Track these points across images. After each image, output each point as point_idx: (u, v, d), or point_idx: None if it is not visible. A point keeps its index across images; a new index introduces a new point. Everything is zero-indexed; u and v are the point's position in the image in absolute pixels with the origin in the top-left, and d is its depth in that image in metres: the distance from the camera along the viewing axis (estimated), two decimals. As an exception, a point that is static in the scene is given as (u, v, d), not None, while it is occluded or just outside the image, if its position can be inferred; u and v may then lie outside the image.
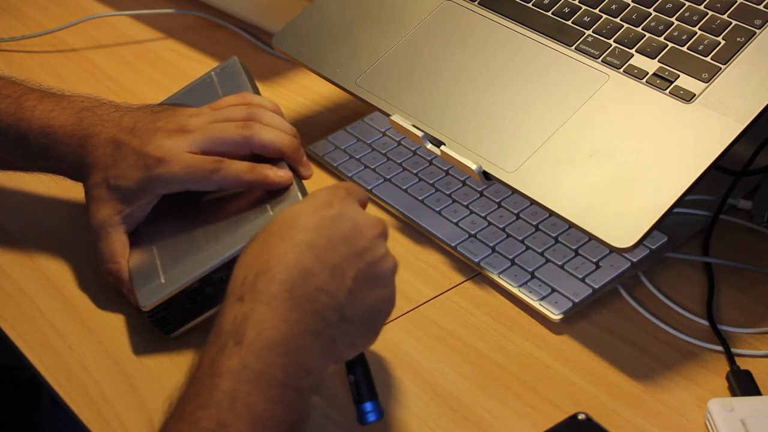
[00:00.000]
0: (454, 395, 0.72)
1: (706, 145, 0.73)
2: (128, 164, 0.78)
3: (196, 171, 0.76)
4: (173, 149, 0.77)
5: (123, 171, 0.78)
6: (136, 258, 0.78)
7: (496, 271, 0.81)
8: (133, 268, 0.78)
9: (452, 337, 0.77)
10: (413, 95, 0.86)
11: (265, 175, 0.76)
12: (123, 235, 0.79)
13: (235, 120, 0.79)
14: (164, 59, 1.12)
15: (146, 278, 0.76)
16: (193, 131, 0.78)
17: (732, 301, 0.79)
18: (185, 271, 0.75)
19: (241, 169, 0.77)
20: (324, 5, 0.96)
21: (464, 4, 0.90)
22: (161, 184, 0.77)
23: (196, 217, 0.79)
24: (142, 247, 0.79)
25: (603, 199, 0.74)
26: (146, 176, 0.77)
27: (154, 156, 0.77)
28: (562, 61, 0.83)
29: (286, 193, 0.76)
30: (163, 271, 0.76)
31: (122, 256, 0.78)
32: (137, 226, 0.79)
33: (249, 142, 0.78)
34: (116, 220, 0.78)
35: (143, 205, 0.78)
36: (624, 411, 0.71)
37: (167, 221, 0.79)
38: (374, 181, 0.91)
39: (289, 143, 0.79)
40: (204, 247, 0.75)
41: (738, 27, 0.78)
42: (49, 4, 1.22)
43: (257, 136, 0.78)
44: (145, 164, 0.77)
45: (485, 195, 0.87)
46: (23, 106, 0.82)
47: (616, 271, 0.80)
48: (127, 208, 0.78)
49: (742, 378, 0.71)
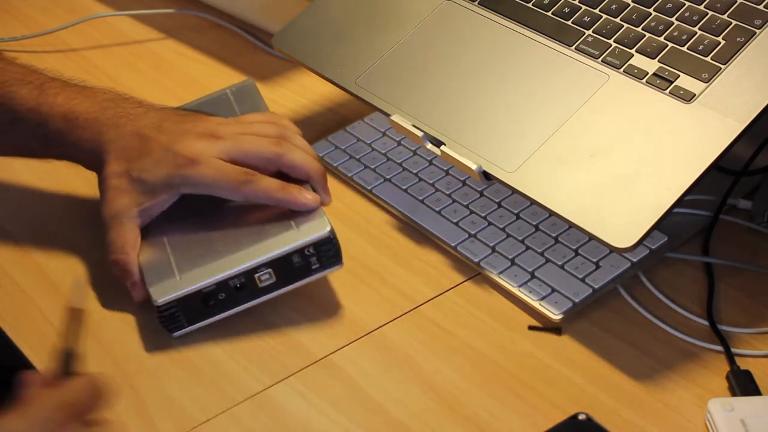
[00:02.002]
0: (454, 395, 0.72)
1: (706, 145, 0.73)
2: (155, 159, 0.78)
3: (227, 179, 0.77)
4: (204, 152, 0.77)
5: (148, 165, 0.78)
6: (148, 254, 0.78)
7: (496, 271, 0.81)
8: (145, 264, 0.77)
9: (452, 337, 0.77)
10: (413, 95, 0.86)
11: (295, 196, 0.77)
12: (136, 229, 0.78)
13: (266, 136, 0.80)
14: (164, 59, 1.12)
15: (160, 274, 0.76)
16: (224, 138, 0.79)
17: (732, 301, 0.79)
18: (204, 272, 0.75)
19: (271, 186, 0.77)
20: (324, 5, 0.96)
21: (464, 4, 0.90)
22: (187, 184, 0.77)
23: (214, 222, 0.79)
24: (154, 244, 0.79)
25: (603, 199, 0.74)
26: (173, 173, 0.77)
27: (184, 155, 0.77)
28: (562, 61, 0.83)
29: (314, 213, 0.77)
30: (179, 270, 0.76)
31: (133, 249, 0.78)
32: (150, 223, 0.79)
33: (279, 160, 0.79)
34: (133, 212, 0.78)
35: (163, 201, 0.78)
36: (624, 411, 0.71)
37: (182, 222, 0.79)
38: (374, 181, 0.91)
39: (317, 168, 0.80)
40: (223, 253, 0.76)
41: (738, 27, 0.78)
42: (49, 4, 1.22)
43: (288, 155, 0.79)
44: (174, 162, 0.77)
45: (485, 195, 0.87)
46: (45, 92, 0.82)
47: (616, 271, 0.80)
48: (147, 201, 0.78)
49: (742, 378, 0.71)
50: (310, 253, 0.76)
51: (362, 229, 0.86)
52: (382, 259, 0.84)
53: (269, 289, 0.76)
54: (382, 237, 0.86)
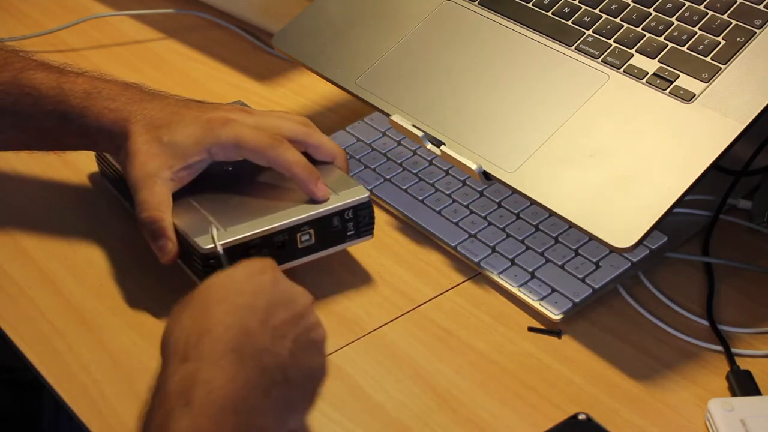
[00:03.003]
0: (454, 395, 0.72)
1: (706, 145, 0.73)
2: (187, 123, 0.78)
3: (257, 139, 0.77)
4: (237, 119, 0.78)
5: (181, 129, 0.77)
6: (183, 216, 0.77)
7: (496, 271, 0.81)
8: (181, 223, 0.76)
9: (452, 337, 0.77)
10: (413, 95, 0.86)
11: (313, 179, 0.77)
12: (169, 191, 0.77)
13: (292, 120, 0.81)
14: (164, 59, 1.12)
15: (202, 229, 0.75)
16: (254, 114, 0.80)
17: (732, 301, 0.79)
18: (249, 227, 0.75)
19: (296, 159, 0.77)
20: (324, 5, 0.96)
21: (464, 4, 0.90)
22: (220, 144, 0.77)
23: (245, 190, 0.79)
24: (186, 209, 0.78)
25: (603, 199, 0.74)
26: (206, 134, 0.77)
27: (217, 119, 0.77)
28: (562, 61, 0.83)
29: (348, 183, 0.79)
30: (222, 224, 0.75)
31: (168, 207, 0.77)
32: (178, 193, 0.78)
33: (308, 138, 0.80)
34: (166, 174, 0.77)
35: (195, 164, 0.78)
36: (624, 411, 0.71)
37: (212, 191, 0.79)
38: (374, 181, 0.91)
39: (341, 150, 0.82)
40: (263, 212, 0.76)
41: (738, 27, 0.78)
42: (49, 4, 1.22)
43: (317, 134, 0.81)
44: (207, 125, 0.77)
45: (485, 195, 0.87)
46: (66, 74, 0.83)
47: (616, 271, 0.80)
48: (179, 164, 0.77)
49: (742, 378, 0.71)
50: (349, 217, 0.78)
51: (362, 229, 0.87)
52: (382, 259, 0.84)
53: (307, 250, 0.77)
54: (383, 237, 0.86)
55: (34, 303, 0.81)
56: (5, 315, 0.80)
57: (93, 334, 0.78)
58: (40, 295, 0.81)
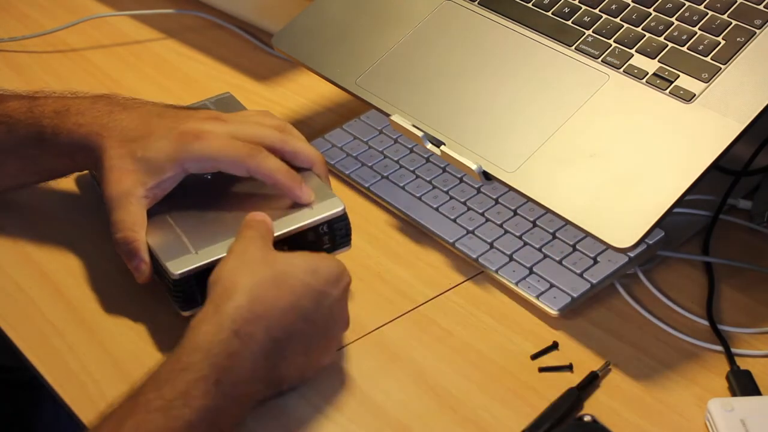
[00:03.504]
0: (454, 395, 0.72)
1: (706, 145, 0.73)
2: (159, 136, 0.77)
3: (234, 151, 0.76)
4: (210, 130, 0.77)
5: (153, 143, 0.77)
6: (157, 234, 0.77)
7: (495, 267, 0.81)
8: (155, 243, 0.76)
9: (452, 337, 0.77)
10: (413, 95, 0.86)
11: (295, 184, 0.76)
12: (143, 209, 0.77)
13: (269, 125, 0.80)
14: (164, 59, 1.12)
15: (174, 251, 0.75)
16: (229, 122, 0.79)
17: (732, 301, 0.79)
18: (221, 248, 0.74)
19: (277, 166, 0.77)
20: (324, 5, 0.96)
21: (464, 4, 0.90)
22: (193, 159, 0.76)
23: (220, 203, 0.79)
24: (161, 226, 0.77)
25: (603, 199, 0.74)
26: (179, 149, 0.76)
27: (190, 132, 0.76)
28: (562, 61, 0.83)
29: (324, 194, 0.77)
30: (194, 246, 0.75)
31: (141, 227, 0.76)
32: (153, 207, 0.78)
33: (285, 145, 0.79)
34: (140, 191, 0.77)
35: (168, 180, 0.77)
36: (624, 411, 0.71)
37: (187, 205, 0.79)
38: (372, 178, 0.91)
39: (319, 156, 0.80)
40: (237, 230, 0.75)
41: (738, 27, 0.78)
42: (49, 4, 1.22)
43: (293, 141, 0.79)
44: (180, 139, 0.76)
45: (483, 192, 0.87)
46: (36, 100, 0.83)
47: (614, 266, 0.80)
48: (152, 180, 0.76)
49: (742, 378, 0.71)
50: (324, 231, 0.76)
51: (362, 228, 0.86)
52: (382, 259, 0.84)
53: None
54: (382, 236, 0.86)
55: (34, 303, 0.81)
56: (5, 315, 0.80)
57: (93, 334, 0.78)
58: (40, 295, 0.81)
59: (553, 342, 0.76)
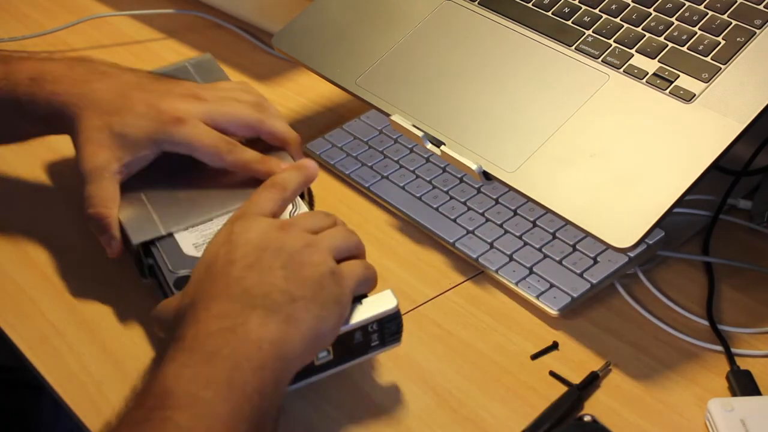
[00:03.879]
0: (454, 395, 0.72)
1: (706, 145, 0.73)
2: (138, 113, 0.77)
3: (211, 144, 0.77)
4: (189, 112, 0.77)
5: (132, 119, 0.77)
6: (128, 209, 0.77)
7: (495, 267, 0.81)
8: (124, 218, 0.76)
9: (452, 337, 0.77)
10: (413, 95, 0.86)
11: (273, 169, 0.77)
12: (117, 184, 0.77)
13: (246, 102, 0.80)
14: (164, 59, 1.12)
15: (140, 223, 0.75)
16: (206, 100, 0.79)
17: (732, 301, 0.79)
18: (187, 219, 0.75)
19: (252, 157, 0.78)
20: (324, 5, 0.96)
21: (464, 4, 0.90)
22: (171, 142, 0.77)
23: (194, 182, 0.79)
24: (132, 201, 0.78)
25: (603, 199, 0.74)
26: (158, 130, 0.76)
27: (169, 113, 0.77)
28: (562, 61, 0.83)
29: None
30: (162, 221, 0.75)
31: (114, 203, 0.76)
32: (128, 180, 0.78)
33: (261, 126, 0.80)
34: (114, 167, 0.77)
35: (144, 157, 0.77)
36: (624, 411, 0.71)
37: (161, 181, 0.79)
38: (372, 178, 0.91)
39: (294, 135, 0.81)
40: (206, 207, 0.76)
41: (738, 27, 0.78)
42: (49, 4, 1.22)
43: (269, 121, 0.80)
44: (159, 118, 0.76)
45: (483, 192, 0.87)
46: (12, 63, 0.82)
47: (614, 266, 0.80)
48: (128, 156, 0.77)
49: (742, 378, 0.72)
50: (373, 329, 0.68)
51: (362, 228, 0.86)
52: (382, 259, 0.84)
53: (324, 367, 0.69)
54: (382, 236, 0.86)
55: (34, 303, 0.81)
56: (5, 315, 0.80)
57: (93, 334, 0.78)
58: (40, 295, 0.82)
59: (553, 342, 0.76)
